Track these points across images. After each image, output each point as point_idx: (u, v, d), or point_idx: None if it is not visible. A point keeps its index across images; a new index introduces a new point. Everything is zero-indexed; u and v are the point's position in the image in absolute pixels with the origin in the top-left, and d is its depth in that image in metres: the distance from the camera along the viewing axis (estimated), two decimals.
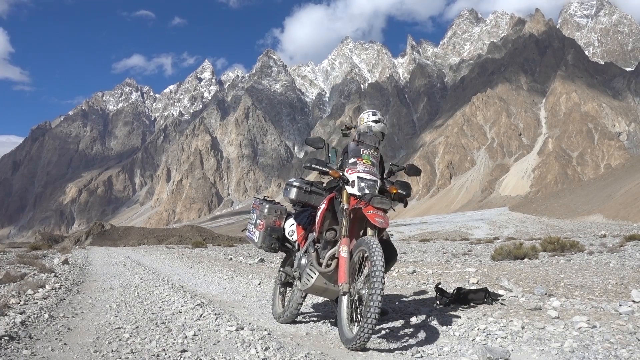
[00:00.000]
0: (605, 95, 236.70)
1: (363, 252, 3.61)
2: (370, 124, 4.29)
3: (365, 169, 3.91)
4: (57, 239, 79.55)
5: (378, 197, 3.74)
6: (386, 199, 3.78)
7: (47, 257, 16.16)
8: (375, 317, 3.30)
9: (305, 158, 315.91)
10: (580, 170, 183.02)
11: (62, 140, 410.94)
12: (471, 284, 6.20)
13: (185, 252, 20.94)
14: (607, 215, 67.15)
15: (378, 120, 4.32)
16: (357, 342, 3.41)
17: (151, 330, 4.10)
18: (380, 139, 4.25)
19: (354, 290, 3.60)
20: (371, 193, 3.77)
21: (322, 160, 4.10)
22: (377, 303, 3.28)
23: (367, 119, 4.35)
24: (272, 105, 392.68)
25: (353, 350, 3.49)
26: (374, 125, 4.28)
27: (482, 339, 3.65)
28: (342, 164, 4.13)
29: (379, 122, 4.31)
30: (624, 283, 5.62)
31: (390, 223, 4.74)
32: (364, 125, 4.33)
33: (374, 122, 4.30)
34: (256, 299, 6.22)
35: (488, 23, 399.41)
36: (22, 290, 6.10)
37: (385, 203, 3.75)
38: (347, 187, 3.85)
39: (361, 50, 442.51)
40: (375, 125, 4.28)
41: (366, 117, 4.38)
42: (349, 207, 3.81)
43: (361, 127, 4.33)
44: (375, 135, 4.21)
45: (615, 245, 15.49)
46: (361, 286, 3.56)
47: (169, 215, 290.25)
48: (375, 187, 3.83)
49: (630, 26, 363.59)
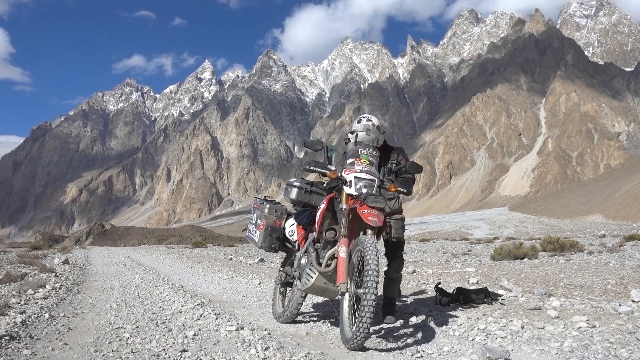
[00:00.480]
0: (605, 96, 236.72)
1: (360, 252, 3.62)
2: (360, 135, 4.18)
3: (362, 168, 3.90)
4: (57, 238, 79.56)
5: (372, 196, 3.73)
6: (381, 197, 3.75)
7: (48, 257, 16.17)
8: (370, 316, 3.31)
9: (305, 158, 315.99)
10: (579, 170, 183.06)
11: (63, 140, 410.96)
12: (471, 283, 6.20)
13: (185, 252, 20.94)
14: (607, 215, 67.16)
15: (367, 130, 4.20)
16: (354, 342, 3.45)
17: (151, 330, 4.10)
18: (377, 142, 4.23)
19: (351, 290, 3.62)
20: (367, 192, 3.76)
21: (320, 162, 4.10)
22: (372, 302, 3.29)
23: (357, 128, 4.28)
24: (272, 105, 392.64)
25: (352, 350, 3.51)
26: (363, 136, 4.16)
27: (482, 339, 3.65)
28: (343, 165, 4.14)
29: (369, 131, 4.18)
30: (624, 283, 5.63)
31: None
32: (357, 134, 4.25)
33: (363, 133, 4.17)
34: (256, 299, 6.23)
35: (488, 23, 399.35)
36: (22, 290, 6.11)
37: (380, 202, 3.72)
38: (345, 187, 3.86)
39: (361, 50, 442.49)
40: (364, 136, 4.15)
41: (356, 126, 4.31)
42: (347, 207, 3.81)
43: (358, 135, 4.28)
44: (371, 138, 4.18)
45: (615, 245, 15.49)
46: (359, 286, 3.59)
47: (169, 215, 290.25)
48: (372, 186, 3.82)
49: (630, 26, 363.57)
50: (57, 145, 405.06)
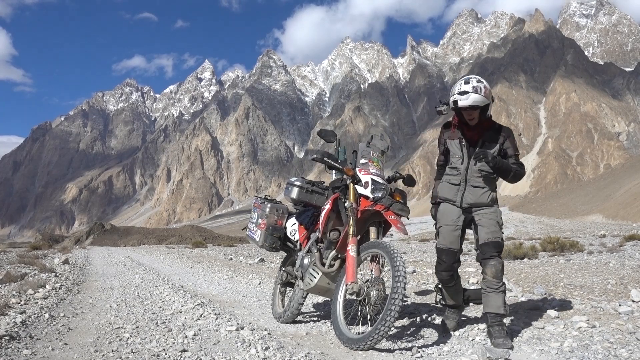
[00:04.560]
0: (605, 96, 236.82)
1: (374, 255, 3.61)
2: (455, 96, 3.60)
3: (377, 172, 3.90)
4: (57, 238, 79.55)
5: (399, 204, 3.73)
6: (406, 207, 3.77)
7: (48, 257, 16.17)
8: (393, 320, 3.28)
9: (305, 158, 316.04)
10: (579, 170, 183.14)
11: (63, 140, 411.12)
12: (471, 284, 6.20)
13: (185, 252, 20.94)
14: (607, 215, 67.16)
15: (467, 93, 3.55)
16: (367, 343, 3.34)
17: (151, 330, 4.10)
18: (388, 149, 4.17)
19: (363, 290, 3.53)
20: (388, 198, 3.75)
21: (333, 155, 4.09)
22: (398, 307, 3.27)
23: (458, 89, 3.62)
24: (272, 105, 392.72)
25: (364, 350, 3.41)
26: (460, 97, 3.57)
27: (482, 339, 3.65)
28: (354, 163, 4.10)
29: (469, 93, 3.56)
30: (624, 283, 5.63)
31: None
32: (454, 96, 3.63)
33: (460, 94, 3.57)
34: (256, 299, 6.23)
35: (488, 23, 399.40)
36: (22, 290, 6.11)
37: (405, 211, 3.74)
38: (357, 186, 3.84)
39: (361, 50, 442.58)
40: (462, 98, 3.57)
41: (458, 87, 3.64)
42: (358, 207, 3.79)
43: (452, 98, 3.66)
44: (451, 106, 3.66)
45: (615, 245, 15.49)
46: (370, 286, 3.53)
47: (169, 215, 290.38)
48: (386, 192, 3.81)
49: (630, 26, 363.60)
50: (57, 145, 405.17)
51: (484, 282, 3.60)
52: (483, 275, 3.61)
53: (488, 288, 3.56)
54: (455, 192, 3.76)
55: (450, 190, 3.79)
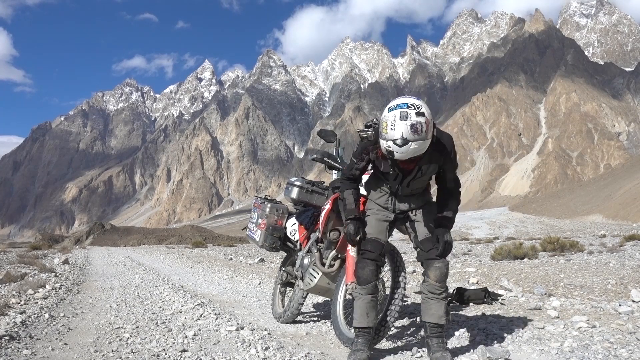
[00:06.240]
0: (605, 95, 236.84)
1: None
2: (391, 146, 2.87)
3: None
4: (57, 238, 79.61)
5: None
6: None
7: (48, 257, 16.17)
8: (393, 320, 3.35)
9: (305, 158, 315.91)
10: (579, 170, 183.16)
11: (63, 140, 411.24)
12: (471, 283, 6.20)
13: (185, 252, 20.93)
14: (607, 215, 67.18)
15: (406, 141, 2.80)
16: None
17: (151, 330, 4.10)
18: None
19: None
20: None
21: (333, 155, 4.08)
22: (398, 307, 3.34)
23: (391, 133, 2.84)
24: (272, 105, 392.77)
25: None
26: (397, 149, 2.86)
27: (482, 339, 3.65)
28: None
29: (409, 142, 2.80)
30: (624, 283, 5.63)
31: None
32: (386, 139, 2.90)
33: (398, 145, 2.83)
34: (256, 299, 6.23)
35: (488, 23, 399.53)
36: (22, 290, 6.11)
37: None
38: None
39: (361, 50, 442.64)
40: (400, 150, 2.85)
41: (391, 121, 2.83)
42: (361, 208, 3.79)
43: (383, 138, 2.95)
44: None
45: (615, 245, 15.49)
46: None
47: (169, 215, 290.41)
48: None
49: (630, 26, 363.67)
50: (57, 145, 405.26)
51: (425, 286, 3.15)
52: (424, 278, 3.17)
53: (429, 293, 3.13)
54: (386, 201, 3.37)
55: (380, 200, 3.39)
